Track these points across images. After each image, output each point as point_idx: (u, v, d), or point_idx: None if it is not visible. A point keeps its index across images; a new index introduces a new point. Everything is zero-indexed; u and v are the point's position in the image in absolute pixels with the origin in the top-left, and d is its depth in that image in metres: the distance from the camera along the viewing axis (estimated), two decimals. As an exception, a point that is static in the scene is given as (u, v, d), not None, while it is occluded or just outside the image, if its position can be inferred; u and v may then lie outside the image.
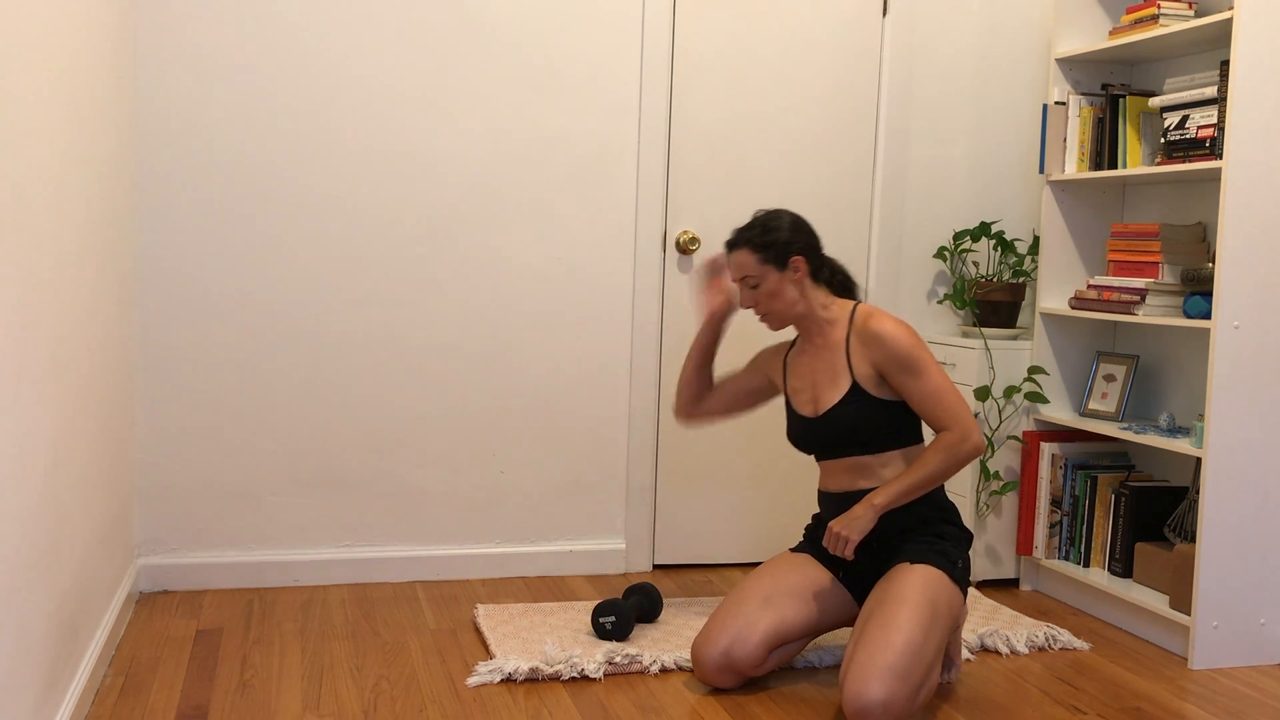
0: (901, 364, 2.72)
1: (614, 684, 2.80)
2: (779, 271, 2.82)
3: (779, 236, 2.82)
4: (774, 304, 2.84)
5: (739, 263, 2.86)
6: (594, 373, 3.69)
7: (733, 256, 2.87)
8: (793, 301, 2.84)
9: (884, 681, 2.43)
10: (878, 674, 2.44)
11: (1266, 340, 3.01)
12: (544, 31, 3.56)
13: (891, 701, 2.42)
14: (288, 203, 3.41)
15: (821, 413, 2.81)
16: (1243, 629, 3.06)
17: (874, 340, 2.75)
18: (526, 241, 3.60)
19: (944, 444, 2.70)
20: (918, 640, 2.50)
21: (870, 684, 2.43)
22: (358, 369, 3.51)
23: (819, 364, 2.86)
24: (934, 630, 2.56)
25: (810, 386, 2.87)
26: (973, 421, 2.72)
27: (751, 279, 2.84)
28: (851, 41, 3.80)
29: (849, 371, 2.79)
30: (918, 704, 2.52)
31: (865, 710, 2.42)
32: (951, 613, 2.66)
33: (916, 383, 2.72)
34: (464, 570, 3.63)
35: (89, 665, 2.58)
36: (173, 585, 3.41)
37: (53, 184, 2.24)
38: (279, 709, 2.58)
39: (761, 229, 2.84)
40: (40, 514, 2.14)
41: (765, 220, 2.86)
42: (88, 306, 2.61)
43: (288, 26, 3.37)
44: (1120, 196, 3.72)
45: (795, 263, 2.81)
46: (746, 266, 2.84)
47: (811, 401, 2.86)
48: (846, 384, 2.79)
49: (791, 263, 2.81)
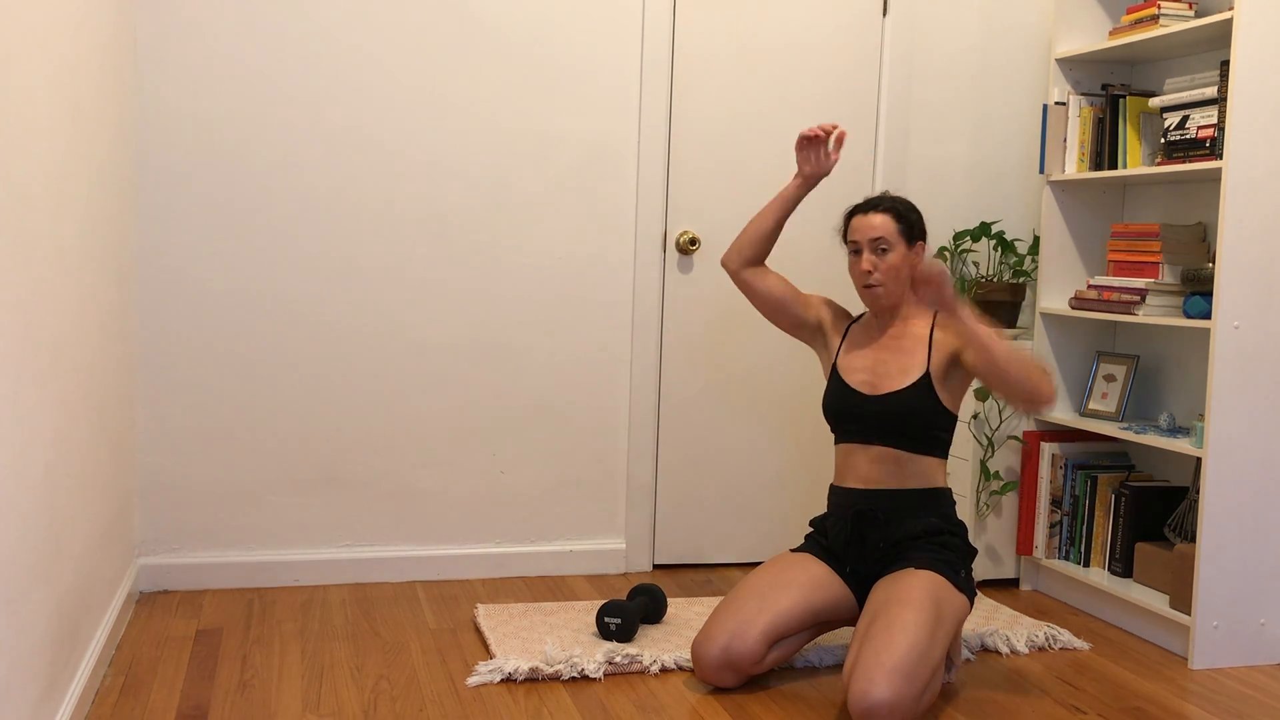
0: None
1: (614, 684, 2.80)
2: (908, 248, 2.83)
3: (916, 217, 2.86)
4: (890, 276, 2.82)
5: (878, 224, 2.82)
6: (594, 372, 3.69)
7: (872, 218, 2.83)
8: (903, 282, 2.84)
9: (890, 682, 2.42)
10: (884, 674, 2.43)
11: (1266, 340, 3.01)
12: (544, 31, 3.56)
13: (898, 702, 2.41)
14: (288, 202, 3.41)
15: (883, 392, 2.81)
16: (1243, 629, 3.06)
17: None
18: (527, 241, 3.60)
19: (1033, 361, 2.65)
20: (923, 641, 2.50)
21: (876, 684, 2.42)
22: (358, 369, 3.51)
23: (891, 351, 2.85)
24: (938, 632, 2.56)
25: (872, 367, 2.86)
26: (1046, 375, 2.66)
27: (884, 243, 2.81)
28: (851, 42, 3.80)
29: (926, 362, 2.79)
30: (922, 706, 2.52)
31: (871, 710, 2.41)
32: (955, 617, 2.67)
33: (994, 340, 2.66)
34: (464, 570, 3.63)
35: (89, 665, 2.58)
36: (173, 585, 3.41)
37: (53, 184, 2.24)
38: (279, 709, 2.58)
39: (905, 204, 2.86)
40: (40, 514, 2.14)
41: (900, 199, 2.88)
42: (88, 306, 2.61)
43: (288, 26, 3.37)
44: (1120, 196, 3.72)
45: (919, 247, 2.85)
46: (884, 229, 2.82)
47: (870, 382, 2.85)
48: (919, 373, 2.79)
49: (917, 246, 2.85)
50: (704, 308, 3.75)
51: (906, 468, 2.79)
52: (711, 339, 3.77)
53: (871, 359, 2.88)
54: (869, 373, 2.86)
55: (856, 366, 2.89)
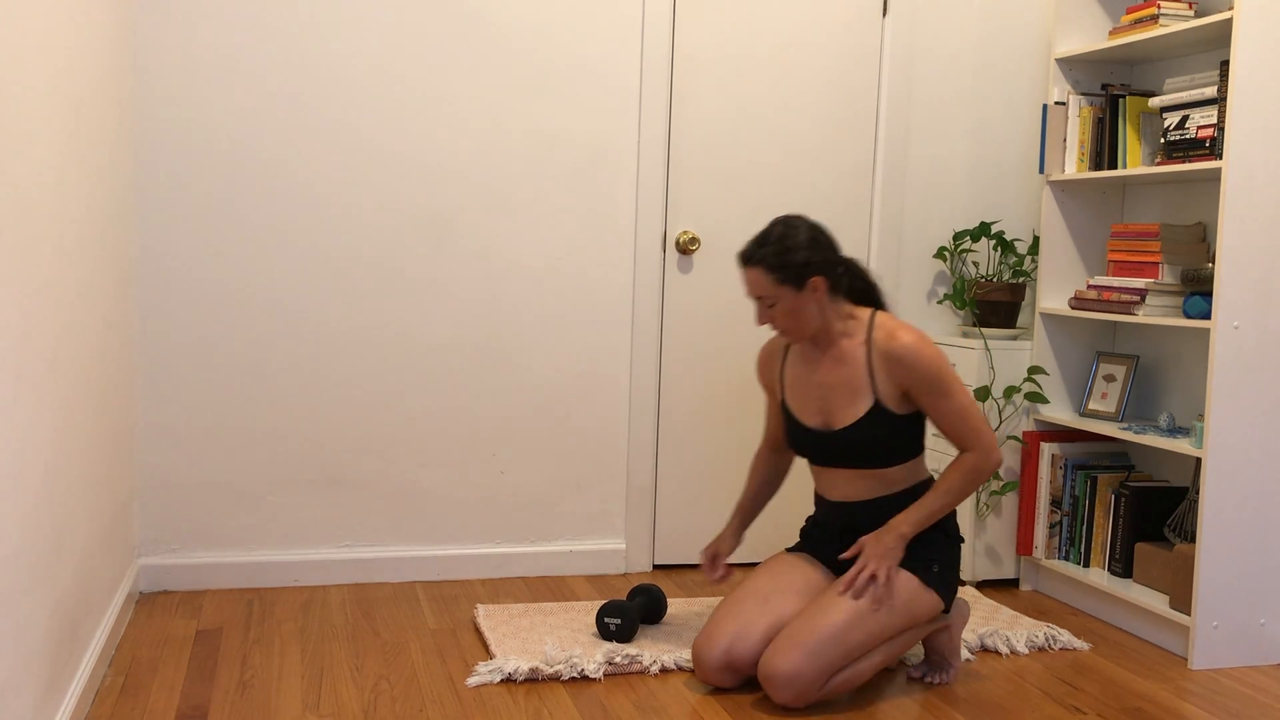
0: (931, 386, 2.69)
1: (614, 684, 2.80)
2: (797, 292, 2.71)
3: (796, 257, 2.68)
4: (791, 322, 2.74)
5: (753, 280, 2.73)
6: (594, 372, 3.69)
7: (747, 274, 2.74)
8: (811, 318, 2.74)
9: (790, 657, 2.60)
10: (789, 648, 2.61)
11: (1266, 340, 3.01)
12: (544, 31, 3.56)
13: (795, 675, 2.59)
14: (288, 203, 3.41)
15: (838, 428, 2.77)
16: (1243, 629, 3.06)
17: (900, 362, 2.69)
18: (527, 241, 3.60)
19: (967, 465, 2.73)
20: (839, 625, 2.62)
21: (779, 655, 2.61)
22: (358, 369, 3.51)
23: (833, 377, 2.78)
24: (869, 622, 2.64)
25: (819, 398, 2.81)
26: (993, 437, 2.74)
27: (767, 299, 2.73)
28: (851, 41, 3.80)
29: (871, 390, 2.74)
30: (831, 686, 2.64)
31: (769, 678, 2.62)
32: (910, 611, 2.71)
33: (944, 403, 2.71)
34: (464, 570, 3.63)
35: (89, 665, 2.58)
36: (173, 585, 3.41)
37: (53, 184, 2.24)
38: (279, 709, 2.58)
39: (778, 247, 2.69)
40: (40, 514, 2.14)
41: (782, 236, 2.71)
42: (88, 306, 2.61)
43: (288, 26, 3.37)
44: (1120, 196, 3.72)
45: (814, 283, 2.70)
46: (761, 286, 2.72)
47: (821, 413, 2.81)
48: (868, 403, 2.74)
49: (810, 284, 2.70)
50: (704, 307, 3.75)
51: (884, 478, 2.79)
52: (711, 338, 3.77)
53: (817, 390, 2.81)
54: (818, 403, 2.81)
55: (805, 401, 2.84)
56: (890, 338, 2.72)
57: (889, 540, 2.70)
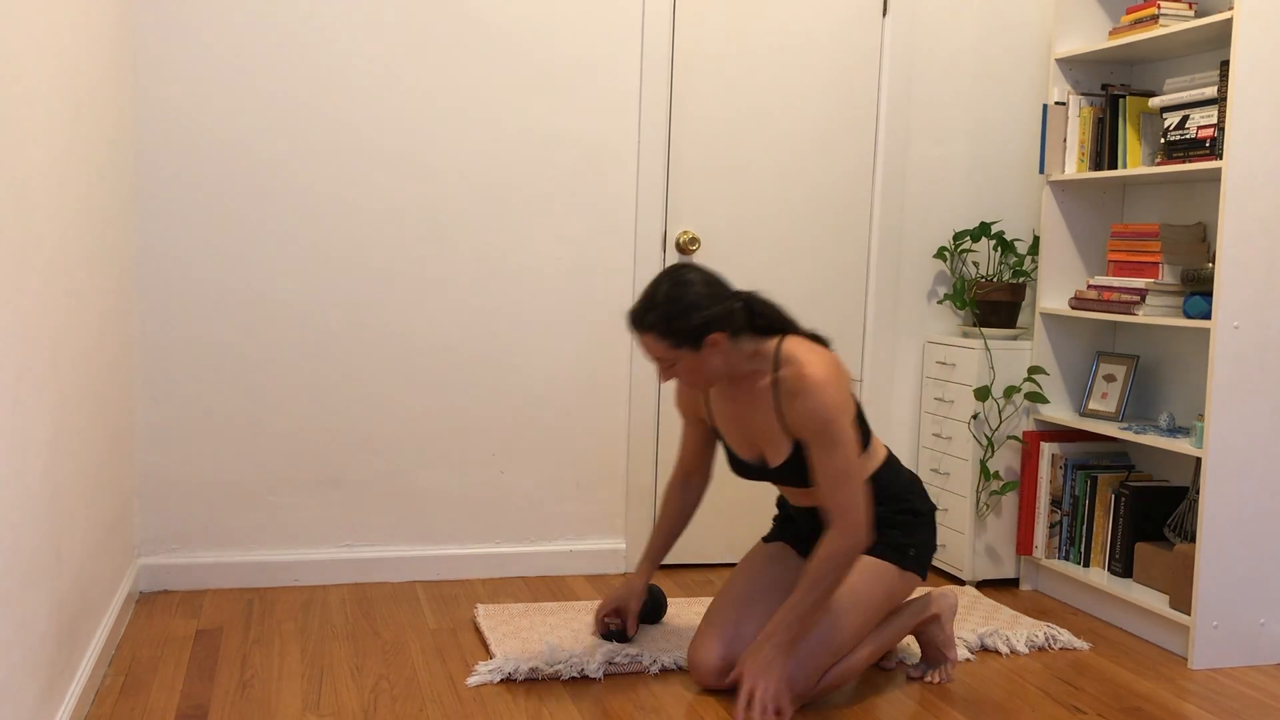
0: (815, 434, 2.54)
1: (614, 684, 2.80)
2: (695, 352, 2.56)
3: (689, 322, 2.53)
4: (696, 377, 2.61)
5: (648, 345, 2.59)
6: (594, 373, 3.69)
7: (643, 339, 2.59)
8: (716, 369, 2.61)
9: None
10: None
11: (1266, 340, 3.01)
12: (544, 31, 3.56)
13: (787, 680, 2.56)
14: (288, 203, 3.41)
15: (772, 466, 2.70)
16: (1243, 629, 3.06)
17: (794, 395, 2.56)
18: (527, 241, 3.60)
19: (826, 553, 2.53)
20: (823, 627, 2.61)
21: None
22: (358, 369, 3.51)
23: (751, 415, 2.70)
24: (853, 618, 2.64)
25: (744, 434, 2.74)
26: (863, 515, 2.54)
27: (665, 361, 2.59)
28: (851, 41, 3.80)
29: (785, 432, 2.64)
30: (825, 683, 2.65)
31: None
32: (892, 598, 2.72)
33: (823, 457, 2.54)
34: (464, 570, 3.63)
35: (89, 665, 2.58)
36: (173, 585, 3.41)
37: (53, 184, 2.24)
38: (279, 709, 2.58)
39: (667, 311, 2.54)
40: (40, 514, 2.14)
41: (670, 297, 2.55)
42: (88, 306, 2.61)
43: (288, 27, 3.37)
44: (1120, 196, 3.72)
45: (711, 340, 2.55)
46: (657, 350, 2.58)
47: (750, 448, 2.75)
48: (788, 446, 2.65)
49: (707, 341, 2.55)
50: (704, 308, 3.75)
51: None
52: (711, 339, 3.77)
53: (740, 424, 2.73)
54: (744, 437, 2.74)
55: (735, 436, 2.77)
56: (794, 377, 2.56)
57: (767, 654, 2.53)
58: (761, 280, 3.77)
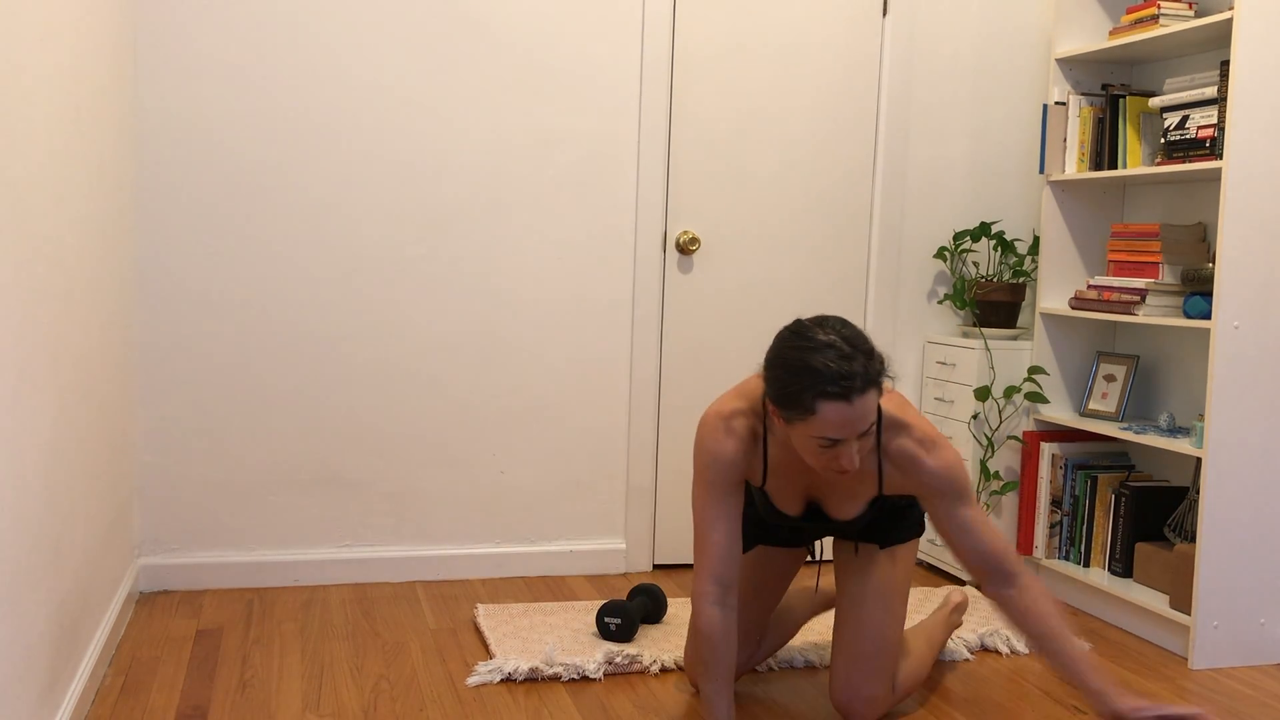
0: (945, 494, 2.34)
1: (614, 684, 2.80)
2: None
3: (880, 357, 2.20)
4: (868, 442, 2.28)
5: (871, 408, 2.15)
6: (594, 373, 3.70)
7: (859, 405, 2.13)
8: None
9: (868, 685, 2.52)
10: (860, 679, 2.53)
11: (1266, 340, 3.01)
12: (544, 32, 3.56)
13: (875, 699, 2.53)
14: (287, 203, 3.41)
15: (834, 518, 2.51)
16: (1243, 629, 3.06)
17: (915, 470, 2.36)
18: (526, 242, 3.60)
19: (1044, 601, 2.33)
20: (894, 635, 2.56)
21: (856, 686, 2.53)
22: (358, 369, 3.51)
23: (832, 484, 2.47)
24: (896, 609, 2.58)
25: (803, 487, 2.49)
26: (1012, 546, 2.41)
27: (871, 425, 2.20)
28: (851, 42, 3.80)
29: (878, 485, 2.42)
30: (899, 690, 2.61)
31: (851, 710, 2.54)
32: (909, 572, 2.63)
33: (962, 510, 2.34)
34: (464, 570, 3.63)
35: (89, 665, 2.58)
36: (173, 585, 3.41)
37: (53, 185, 2.24)
38: (279, 709, 2.58)
39: (866, 353, 2.15)
40: (40, 514, 2.14)
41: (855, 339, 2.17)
42: (87, 307, 2.61)
43: (288, 28, 3.37)
44: (1120, 196, 3.72)
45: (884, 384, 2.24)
46: (873, 412, 2.17)
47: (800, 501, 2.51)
48: (871, 495, 2.45)
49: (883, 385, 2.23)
50: (704, 307, 3.75)
51: None
52: (711, 338, 3.77)
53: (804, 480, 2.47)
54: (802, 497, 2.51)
55: (788, 488, 2.48)
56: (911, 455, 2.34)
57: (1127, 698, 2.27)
58: (761, 281, 3.78)
